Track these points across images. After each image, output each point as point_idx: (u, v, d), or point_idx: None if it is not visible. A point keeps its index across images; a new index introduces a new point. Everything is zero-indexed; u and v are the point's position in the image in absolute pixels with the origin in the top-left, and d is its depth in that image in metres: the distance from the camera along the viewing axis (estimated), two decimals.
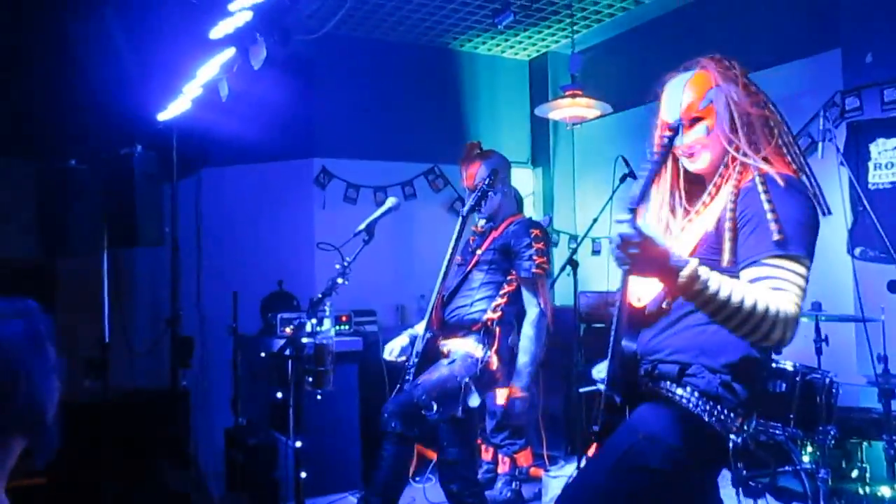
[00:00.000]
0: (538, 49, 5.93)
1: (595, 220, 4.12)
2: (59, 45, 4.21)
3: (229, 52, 3.67)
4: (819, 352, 3.14)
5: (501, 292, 2.99)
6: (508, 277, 3.03)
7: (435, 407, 2.71)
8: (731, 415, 1.51)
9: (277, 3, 3.16)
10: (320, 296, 2.94)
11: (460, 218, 2.95)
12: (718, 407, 1.51)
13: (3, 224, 4.94)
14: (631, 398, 1.62)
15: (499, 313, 2.96)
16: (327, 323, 4.43)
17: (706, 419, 1.52)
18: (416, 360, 2.95)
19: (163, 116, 4.45)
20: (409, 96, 5.86)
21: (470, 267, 3.06)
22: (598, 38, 5.64)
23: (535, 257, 2.98)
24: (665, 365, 1.61)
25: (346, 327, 4.82)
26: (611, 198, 4.07)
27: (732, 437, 1.48)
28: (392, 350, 3.19)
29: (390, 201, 3.11)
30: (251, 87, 4.05)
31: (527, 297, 3.01)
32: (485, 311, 2.98)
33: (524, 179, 6.34)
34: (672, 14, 5.17)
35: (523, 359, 2.99)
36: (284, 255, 5.55)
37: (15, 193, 4.89)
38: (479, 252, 3.06)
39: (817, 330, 3.18)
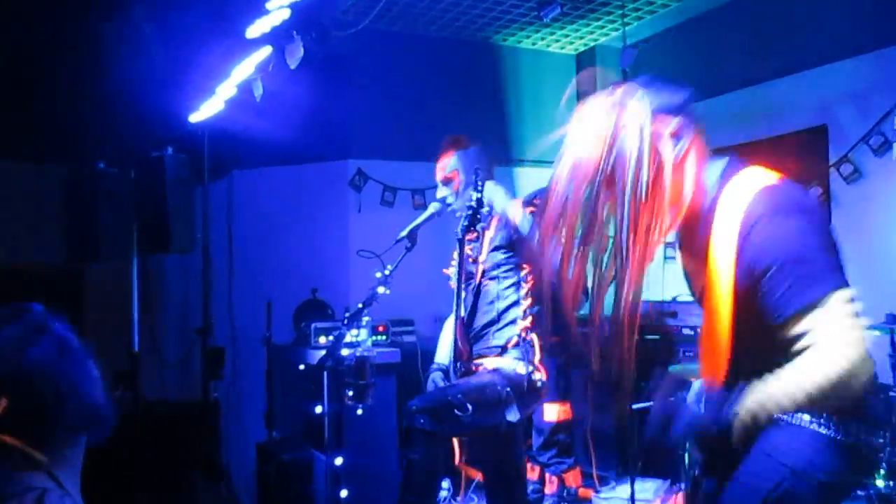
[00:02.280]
0: (586, 42, 5.89)
1: None
2: (87, 44, 4.33)
3: (265, 51, 3.73)
4: (895, 367, 3.09)
5: (523, 292, 2.94)
6: (523, 273, 2.96)
7: (470, 409, 2.65)
8: (866, 427, 1.46)
9: (315, 0, 3.21)
10: (360, 305, 2.98)
11: (457, 242, 2.87)
12: (854, 423, 1.45)
13: (31, 229, 5.12)
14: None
15: (530, 318, 2.95)
16: (364, 333, 4.52)
17: (848, 439, 1.45)
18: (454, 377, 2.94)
19: (195, 118, 4.52)
20: (449, 94, 5.88)
21: (478, 279, 2.98)
22: (652, 30, 5.53)
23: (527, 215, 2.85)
24: None
25: (384, 338, 4.86)
26: None
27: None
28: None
29: (433, 206, 3.13)
30: (284, 86, 4.14)
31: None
32: (515, 321, 2.94)
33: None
34: (731, 3, 5.04)
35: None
36: (318, 261, 5.59)
37: (43, 198, 5.05)
38: (480, 259, 3.01)
39: (893, 344, 3.13)
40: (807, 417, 1.46)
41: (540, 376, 2.91)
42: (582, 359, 4.66)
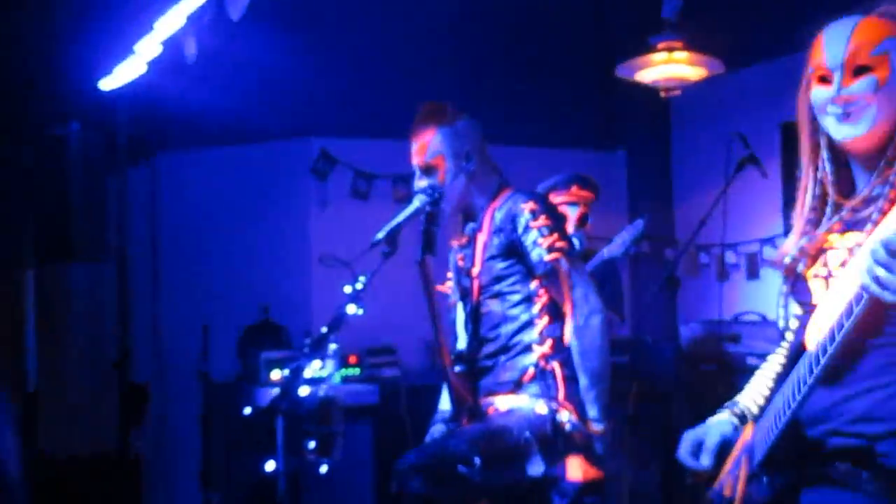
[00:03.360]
0: None
1: (702, 223, 4.09)
2: None
3: None
4: None
5: (536, 310, 2.90)
6: (533, 285, 2.94)
7: (478, 463, 2.61)
8: None
9: None
10: (325, 329, 2.95)
11: (419, 266, 2.84)
12: None
13: None
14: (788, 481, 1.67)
15: (549, 342, 2.97)
16: (330, 366, 4.50)
17: None
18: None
19: (107, 84, 4.48)
20: (437, 52, 5.87)
21: (476, 297, 3.02)
22: None
23: (540, 240, 2.89)
24: (842, 438, 1.63)
25: (357, 372, 4.85)
26: (723, 192, 4.04)
27: None
28: None
29: (419, 200, 3.10)
30: (225, 43, 4.13)
31: (557, 296, 2.95)
32: (529, 347, 2.90)
33: (596, 167, 6.18)
34: None
35: (583, 381, 2.92)
36: (270, 271, 5.57)
37: None
38: (475, 271, 3.04)
39: None
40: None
41: (568, 416, 2.87)
42: (615, 395, 4.71)
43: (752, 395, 1.94)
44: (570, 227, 3.93)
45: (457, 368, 3.00)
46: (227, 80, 5.02)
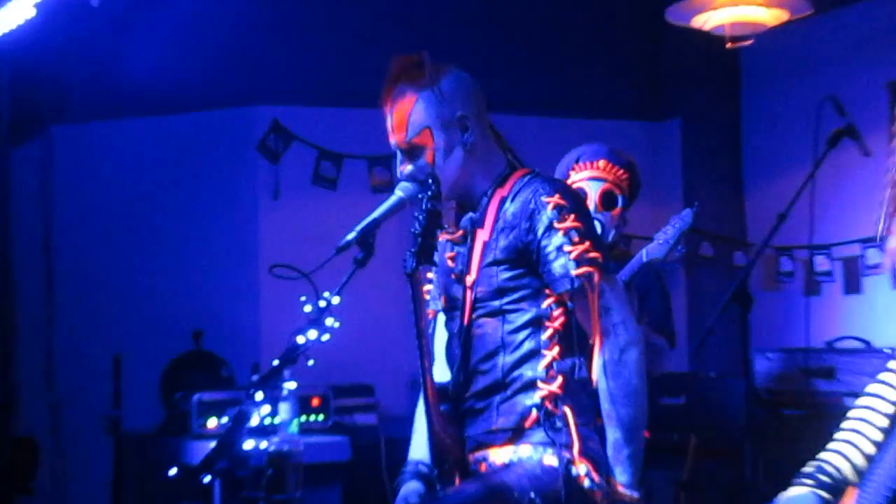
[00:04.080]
0: None
1: (783, 218, 4.08)
2: None
3: None
4: None
5: (545, 336, 2.86)
6: (546, 303, 2.92)
7: None
8: None
9: None
10: (277, 363, 2.93)
11: (408, 279, 2.83)
12: None
13: None
14: None
15: (558, 379, 2.94)
16: (285, 411, 4.43)
17: None
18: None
19: None
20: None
21: (467, 313, 2.96)
22: None
23: (567, 247, 2.86)
24: None
25: (321, 418, 4.83)
26: (811, 176, 4.05)
27: None
28: None
29: (402, 190, 3.08)
30: None
31: (584, 322, 2.94)
32: (533, 385, 2.86)
33: (641, 142, 6.30)
34: None
35: (613, 434, 2.91)
36: (205, 285, 5.59)
37: None
38: (469, 279, 3.00)
39: None
40: None
41: (586, 470, 2.86)
42: (667, 449, 4.70)
43: (849, 451, 1.94)
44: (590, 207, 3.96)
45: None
46: (145, 28, 5.06)
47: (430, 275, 3.16)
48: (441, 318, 3.12)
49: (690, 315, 5.98)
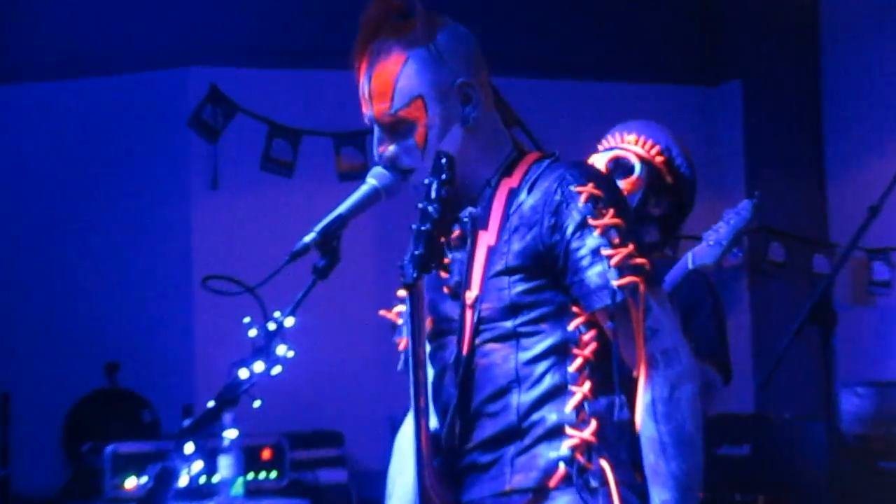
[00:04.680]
0: None
1: (875, 212, 3.97)
2: None
3: None
4: None
5: (573, 367, 2.81)
6: (573, 325, 2.84)
7: None
8: None
9: None
10: (214, 404, 2.85)
11: (406, 289, 2.76)
12: None
13: None
14: None
15: (593, 424, 2.95)
16: (226, 466, 4.43)
17: None
18: None
19: None
20: None
21: (467, 340, 2.88)
22: None
23: (606, 250, 2.78)
24: None
25: (274, 475, 4.76)
26: None
27: None
28: None
29: (375, 178, 3.01)
30: None
31: (624, 348, 2.89)
32: (559, 431, 2.80)
33: (693, 108, 6.32)
34: None
35: (661, 495, 2.85)
36: (123, 302, 5.60)
37: None
38: (470, 294, 2.89)
39: None
40: None
41: None
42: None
43: None
44: None
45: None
46: None
47: (401, 292, 3.01)
48: (426, 347, 3.03)
49: (755, 338, 5.95)
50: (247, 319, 2.82)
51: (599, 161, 4.05)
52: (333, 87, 5.59)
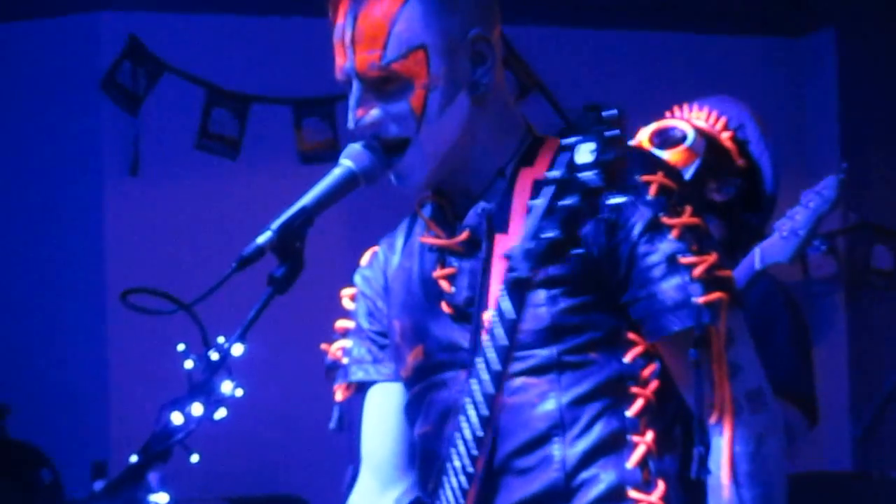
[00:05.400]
0: None
1: None
2: None
3: None
4: None
5: (632, 411, 2.82)
6: (630, 355, 2.83)
7: None
8: None
9: None
10: (136, 459, 2.82)
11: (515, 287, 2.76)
12: None
13: None
14: None
15: (659, 487, 2.90)
16: None
17: None
18: None
19: None
20: None
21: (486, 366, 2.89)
22: None
23: (685, 258, 2.76)
24: None
25: None
26: None
27: None
28: None
29: (351, 158, 3.00)
30: None
31: (689, 387, 2.88)
32: (620, 495, 2.79)
33: (776, 63, 6.44)
34: None
35: None
36: (10, 324, 5.64)
37: None
38: (488, 314, 2.86)
39: None
40: None
41: None
42: None
43: None
44: None
45: None
46: None
47: (352, 304, 3.09)
48: (390, 392, 3.09)
49: (853, 372, 5.97)
50: (180, 347, 2.78)
51: (643, 134, 4.11)
52: (293, 40, 5.66)
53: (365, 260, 3.16)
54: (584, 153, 2.62)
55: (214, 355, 2.74)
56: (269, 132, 5.91)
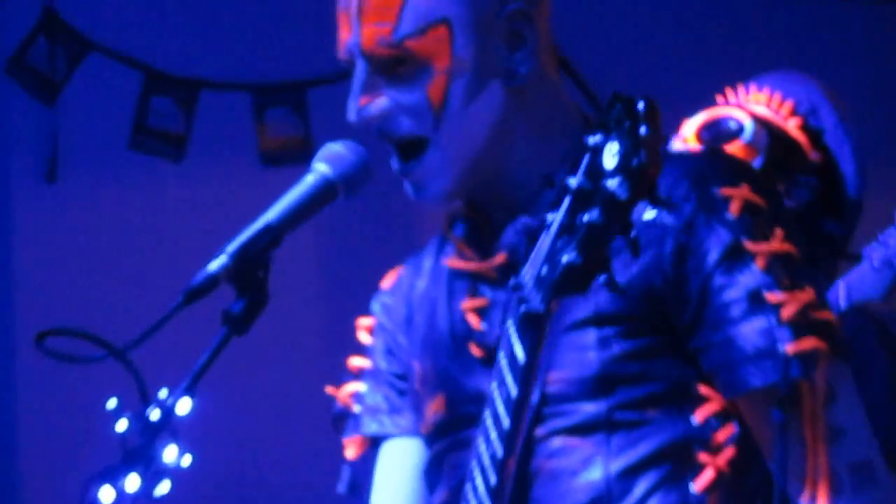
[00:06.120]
0: None
1: None
2: None
3: None
4: None
5: (700, 484, 2.82)
6: (701, 413, 2.88)
7: None
8: None
9: None
10: None
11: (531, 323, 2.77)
12: None
13: None
14: None
15: None
16: None
17: None
18: None
19: None
20: None
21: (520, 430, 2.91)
22: None
23: (773, 295, 2.77)
24: None
25: None
26: None
27: None
28: None
29: (331, 154, 3.04)
30: None
31: (774, 453, 2.91)
32: None
33: (862, 35, 6.40)
34: None
35: None
36: None
37: None
38: (541, 380, 2.90)
39: None
40: None
41: None
42: None
43: None
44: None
45: None
46: None
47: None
48: (408, 449, 3.12)
49: None
50: (111, 403, 2.82)
51: (689, 129, 4.09)
52: (254, 10, 5.72)
53: (386, 284, 3.17)
54: (610, 156, 2.66)
55: (155, 414, 2.77)
56: (223, 126, 5.92)
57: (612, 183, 2.50)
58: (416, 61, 2.88)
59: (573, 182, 2.61)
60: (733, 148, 3.95)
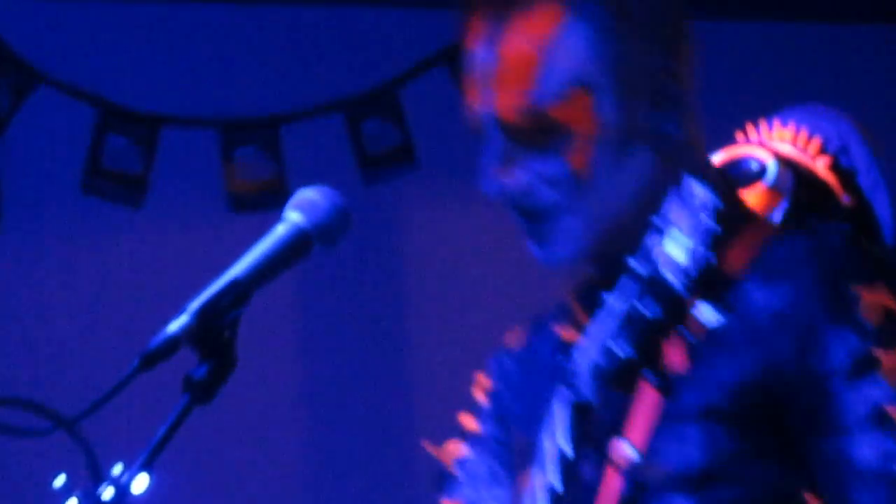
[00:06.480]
0: None
1: None
2: None
3: None
4: None
5: None
6: None
7: None
8: None
9: None
10: None
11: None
12: None
13: None
14: None
15: None
16: None
17: None
18: None
19: None
20: None
21: None
22: None
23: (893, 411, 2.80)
24: None
25: None
26: None
27: None
28: None
29: (306, 201, 3.05)
30: None
31: None
32: None
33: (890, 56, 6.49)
34: None
35: None
36: None
37: None
38: (625, 447, 2.89)
39: None
40: None
41: None
42: None
43: None
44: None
45: None
46: None
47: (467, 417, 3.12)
48: None
49: None
50: (59, 480, 2.85)
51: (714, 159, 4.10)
52: (221, 37, 5.75)
53: (510, 341, 3.17)
54: (675, 245, 2.69)
55: (108, 492, 2.79)
56: (186, 167, 5.94)
57: (673, 277, 2.64)
58: (557, 129, 2.89)
59: (638, 267, 2.65)
60: (755, 192, 3.96)
